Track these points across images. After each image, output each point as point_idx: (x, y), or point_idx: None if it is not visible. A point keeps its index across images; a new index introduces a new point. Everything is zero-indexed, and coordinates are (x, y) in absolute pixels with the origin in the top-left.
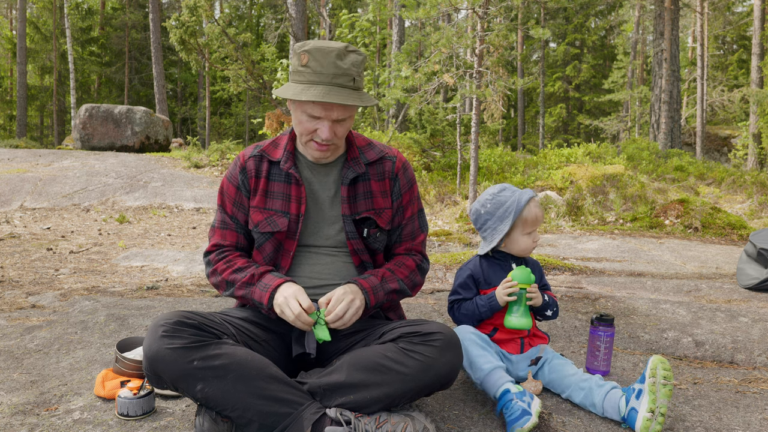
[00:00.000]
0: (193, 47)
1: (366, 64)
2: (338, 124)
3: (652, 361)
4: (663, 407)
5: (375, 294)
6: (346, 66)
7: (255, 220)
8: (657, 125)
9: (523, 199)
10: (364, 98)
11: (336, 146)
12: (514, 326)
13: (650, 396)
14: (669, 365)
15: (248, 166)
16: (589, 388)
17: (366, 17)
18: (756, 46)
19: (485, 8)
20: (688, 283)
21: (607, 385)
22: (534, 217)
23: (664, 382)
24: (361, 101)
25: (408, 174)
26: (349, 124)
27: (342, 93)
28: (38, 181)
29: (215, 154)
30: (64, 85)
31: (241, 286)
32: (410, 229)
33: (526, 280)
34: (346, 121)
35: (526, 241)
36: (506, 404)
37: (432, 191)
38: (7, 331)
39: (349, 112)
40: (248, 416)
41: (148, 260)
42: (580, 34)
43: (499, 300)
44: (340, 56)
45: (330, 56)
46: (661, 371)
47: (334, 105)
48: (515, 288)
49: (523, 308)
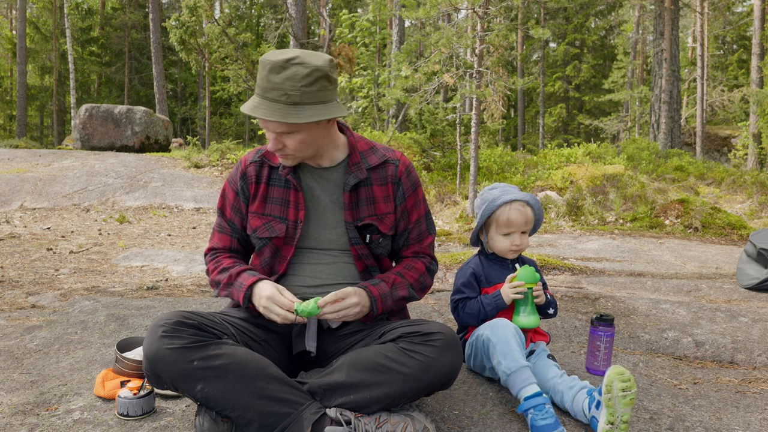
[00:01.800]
0: (193, 47)
1: (365, 63)
2: (285, 136)
3: (608, 376)
4: (625, 414)
5: (383, 302)
6: (278, 81)
7: (253, 225)
8: (657, 125)
9: (499, 201)
10: (302, 114)
11: (294, 156)
12: (524, 325)
13: (608, 409)
14: (628, 375)
15: (249, 171)
16: (564, 390)
17: (366, 17)
18: (756, 46)
19: (485, 8)
20: (688, 283)
21: (577, 386)
22: (507, 219)
23: (623, 393)
24: (293, 118)
25: (412, 177)
26: (302, 137)
27: (270, 108)
28: (38, 181)
29: (215, 154)
30: (64, 85)
31: (224, 287)
32: (417, 232)
33: (532, 279)
34: (293, 134)
35: (501, 241)
36: (538, 407)
37: (432, 191)
38: (7, 331)
39: (289, 128)
40: (248, 416)
41: (148, 260)
42: (580, 34)
43: (506, 299)
44: (274, 70)
45: (265, 70)
46: (618, 384)
47: (269, 120)
48: (523, 288)
49: (530, 307)
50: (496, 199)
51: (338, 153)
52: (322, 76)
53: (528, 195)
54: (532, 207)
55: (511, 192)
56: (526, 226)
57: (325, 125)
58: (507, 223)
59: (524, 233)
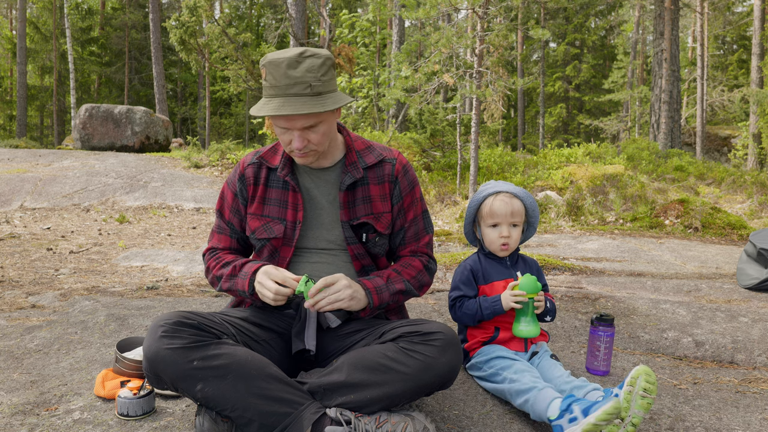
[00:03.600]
0: (193, 47)
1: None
2: (309, 131)
3: (636, 371)
4: (636, 418)
5: (379, 294)
6: (298, 74)
7: (252, 226)
8: (657, 125)
9: (484, 193)
10: (327, 102)
11: (317, 151)
12: (524, 335)
13: (624, 404)
14: (654, 379)
15: (247, 173)
16: (571, 389)
17: (366, 17)
18: (756, 46)
19: (485, 8)
20: (688, 283)
21: (589, 386)
22: (490, 210)
23: (643, 394)
24: (321, 106)
25: (409, 176)
26: (324, 129)
27: (297, 102)
28: (38, 181)
29: (215, 154)
30: (64, 85)
31: (227, 279)
32: (414, 231)
33: (533, 289)
34: (317, 126)
35: (489, 234)
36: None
37: (432, 191)
38: (7, 331)
39: (316, 119)
40: (248, 416)
41: (148, 260)
42: (580, 34)
43: (505, 306)
44: (291, 65)
45: (281, 67)
46: (642, 382)
47: (296, 115)
48: (524, 298)
49: (531, 317)
50: (482, 191)
51: (337, 152)
52: (332, 64)
53: (518, 188)
54: (521, 199)
55: (499, 186)
56: (513, 217)
57: (336, 115)
58: (491, 214)
59: (516, 226)
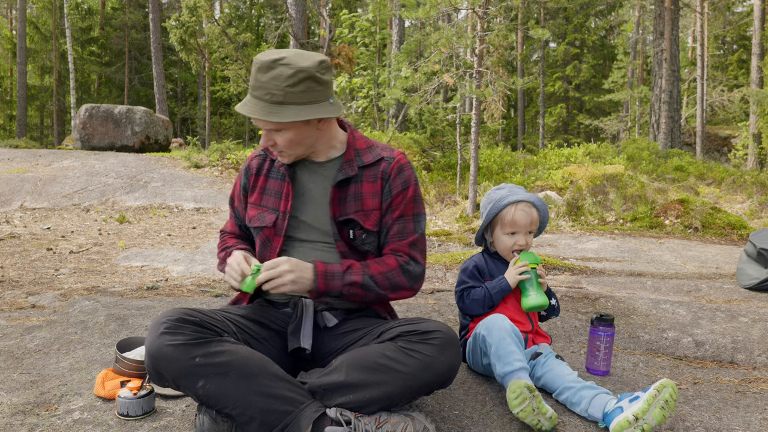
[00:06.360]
0: (193, 47)
1: (365, 63)
2: (275, 134)
3: (664, 382)
4: (648, 424)
5: (327, 280)
6: (264, 80)
7: (249, 215)
8: (657, 125)
9: (505, 201)
10: (285, 113)
11: (286, 153)
12: (533, 305)
13: (644, 405)
14: (677, 397)
15: (252, 165)
16: (579, 388)
17: (366, 17)
18: (756, 46)
19: (485, 8)
20: (688, 283)
21: (602, 390)
22: (512, 219)
23: (664, 404)
24: (276, 116)
25: (403, 176)
26: (290, 136)
27: (256, 106)
28: (38, 181)
29: (215, 154)
30: (64, 85)
31: (221, 262)
32: (398, 229)
33: (534, 260)
34: (281, 132)
35: (505, 241)
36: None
37: (432, 191)
38: (7, 331)
39: (276, 126)
40: (249, 413)
41: (148, 260)
42: (580, 34)
43: (511, 281)
44: (262, 69)
45: (254, 69)
46: (666, 394)
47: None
48: (527, 267)
49: (536, 286)
50: (502, 198)
51: (335, 150)
52: (307, 77)
53: (534, 197)
54: (538, 209)
55: (518, 193)
56: (530, 226)
57: (315, 125)
58: (512, 223)
59: (529, 233)
